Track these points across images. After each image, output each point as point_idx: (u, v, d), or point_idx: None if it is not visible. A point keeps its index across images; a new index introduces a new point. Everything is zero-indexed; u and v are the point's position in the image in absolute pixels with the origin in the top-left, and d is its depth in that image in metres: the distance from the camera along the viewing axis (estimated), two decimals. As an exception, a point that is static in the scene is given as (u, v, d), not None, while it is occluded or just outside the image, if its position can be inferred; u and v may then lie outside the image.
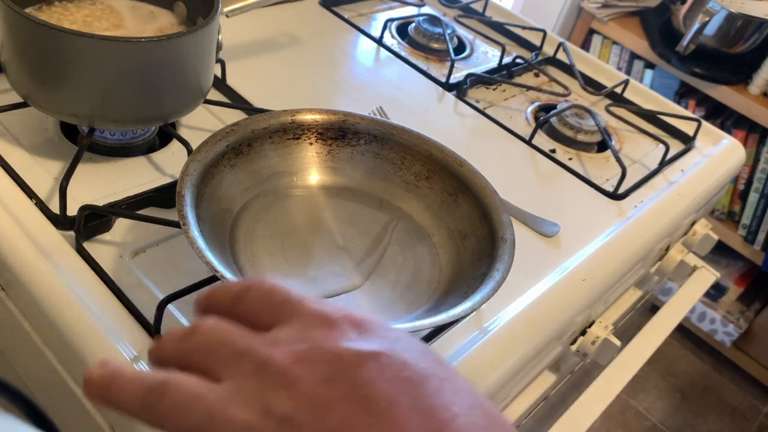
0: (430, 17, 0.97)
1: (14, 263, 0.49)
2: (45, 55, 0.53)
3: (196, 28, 0.55)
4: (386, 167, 0.60)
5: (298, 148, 0.59)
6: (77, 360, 0.46)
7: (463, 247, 0.55)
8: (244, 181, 0.55)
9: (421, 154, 0.59)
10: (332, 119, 0.59)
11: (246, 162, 0.55)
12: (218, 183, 0.53)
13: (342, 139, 0.59)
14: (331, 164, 0.60)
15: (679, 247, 0.86)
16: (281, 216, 0.55)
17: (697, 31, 1.35)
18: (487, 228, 0.54)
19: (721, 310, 1.73)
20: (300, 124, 0.58)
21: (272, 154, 0.57)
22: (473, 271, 0.52)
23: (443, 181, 0.59)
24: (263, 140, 0.56)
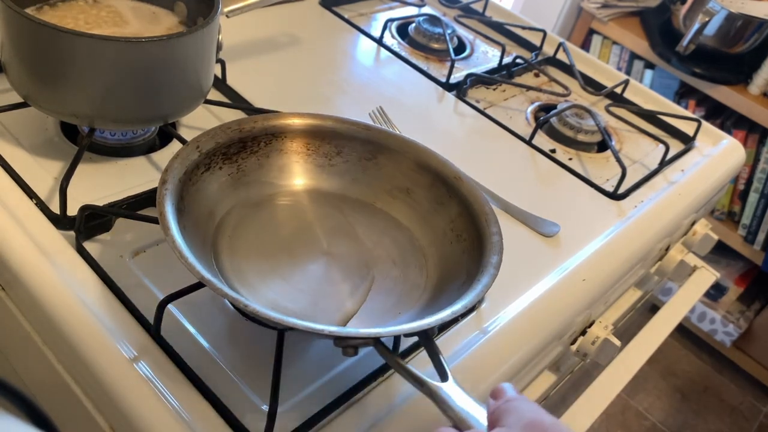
0: (430, 17, 0.97)
1: (14, 263, 0.50)
2: (45, 55, 0.53)
3: (196, 28, 0.55)
4: (372, 173, 0.59)
5: (284, 152, 0.58)
6: (77, 360, 0.46)
7: (451, 249, 0.55)
8: (228, 185, 0.55)
9: (408, 160, 0.59)
10: (319, 123, 0.58)
11: (230, 165, 0.55)
12: (203, 186, 0.52)
13: (328, 143, 0.59)
14: (316, 169, 0.59)
15: (679, 247, 0.86)
16: (265, 222, 0.55)
17: (697, 31, 1.35)
18: (474, 228, 0.54)
19: (721, 310, 1.73)
20: (287, 128, 0.57)
21: (258, 158, 0.56)
22: (462, 271, 0.52)
23: (429, 187, 0.58)
24: (250, 143, 0.56)
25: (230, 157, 0.54)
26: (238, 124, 0.55)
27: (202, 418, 0.44)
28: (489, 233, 0.52)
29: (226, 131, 0.54)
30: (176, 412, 0.43)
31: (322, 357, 0.51)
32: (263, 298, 0.49)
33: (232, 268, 0.50)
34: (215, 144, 0.53)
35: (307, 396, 0.48)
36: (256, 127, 0.56)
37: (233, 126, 0.55)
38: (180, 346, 0.47)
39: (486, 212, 0.54)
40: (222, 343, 0.49)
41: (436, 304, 0.50)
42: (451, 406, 0.39)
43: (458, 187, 0.56)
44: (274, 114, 0.57)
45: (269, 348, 0.48)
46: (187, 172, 0.50)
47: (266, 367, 0.47)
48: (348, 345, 0.42)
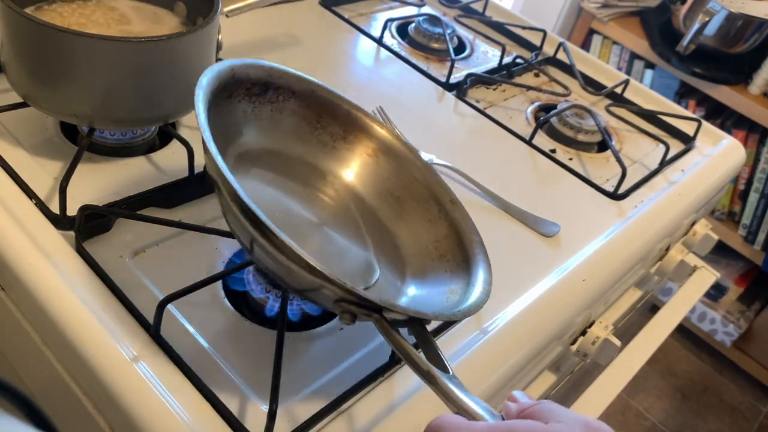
0: (430, 17, 0.97)
1: (14, 263, 0.49)
2: (45, 55, 0.53)
3: (196, 28, 0.55)
4: (369, 170, 0.58)
5: (297, 116, 0.56)
6: (77, 360, 0.46)
7: (432, 265, 0.54)
8: (237, 121, 0.53)
9: (408, 171, 0.58)
10: (339, 102, 0.57)
11: (247, 103, 0.53)
12: (219, 110, 0.50)
13: (339, 125, 0.58)
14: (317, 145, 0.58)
15: (680, 247, 0.86)
16: (269, 173, 0.54)
17: (697, 31, 1.35)
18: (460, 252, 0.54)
19: (721, 310, 1.73)
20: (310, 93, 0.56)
21: (272, 110, 0.55)
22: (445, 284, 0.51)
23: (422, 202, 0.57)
24: (272, 92, 0.54)
25: (250, 96, 0.53)
26: (270, 67, 0.54)
27: (202, 418, 0.44)
28: (476, 261, 0.52)
29: (258, 68, 0.53)
30: (176, 412, 0.43)
31: (322, 357, 0.51)
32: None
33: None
34: (246, 75, 0.52)
35: (307, 396, 0.48)
36: (284, 77, 0.55)
37: (266, 66, 0.54)
38: (180, 346, 0.47)
39: (475, 241, 0.53)
40: (222, 343, 0.49)
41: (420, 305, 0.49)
42: (457, 395, 0.38)
43: (451, 212, 0.56)
44: (301, 76, 0.56)
45: (269, 348, 0.48)
46: (216, 87, 0.48)
47: (266, 367, 0.47)
48: (348, 309, 0.41)
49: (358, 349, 0.52)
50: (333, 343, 0.52)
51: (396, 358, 0.51)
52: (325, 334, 0.52)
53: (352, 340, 0.53)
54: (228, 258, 0.56)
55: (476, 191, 0.71)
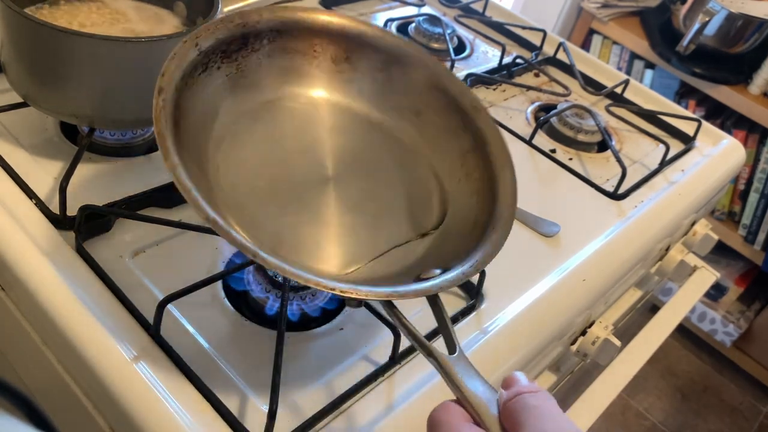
0: (430, 17, 0.97)
1: (14, 263, 0.49)
2: (45, 55, 0.53)
3: (196, 27, 0.55)
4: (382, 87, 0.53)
5: (288, 52, 0.51)
6: (77, 360, 0.46)
7: (458, 188, 0.49)
8: (225, 87, 0.49)
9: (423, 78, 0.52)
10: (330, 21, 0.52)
11: (229, 65, 0.48)
12: (198, 90, 0.46)
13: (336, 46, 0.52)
14: (320, 75, 0.53)
15: (680, 247, 0.86)
16: (263, 135, 0.49)
17: (697, 31, 1.35)
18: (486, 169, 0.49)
19: (721, 310, 1.73)
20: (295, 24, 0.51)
21: (259, 57, 0.50)
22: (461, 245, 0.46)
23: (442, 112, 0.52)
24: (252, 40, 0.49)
25: (230, 55, 0.48)
26: (242, 16, 0.48)
27: (202, 418, 0.44)
28: (504, 180, 0.47)
29: (228, 25, 0.48)
30: (176, 412, 0.43)
31: (322, 357, 0.51)
32: (265, 233, 0.44)
33: (228, 189, 0.45)
34: (215, 40, 0.47)
35: (307, 396, 0.48)
36: (261, 21, 0.49)
37: (236, 19, 0.48)
38: (180, 346, 0.47)
39: (504, 156, 0.48)
40: (222, 343, 0.49)
41: (442, 252, 0.46)
42: (458, 381, 0.36)
43: (475, 119, 0.50)
44: (281, 6, 0.51)
45: (269, 348, 0.48)
46: (184, 75, 0.44)
47: (266, 367, 0.46)
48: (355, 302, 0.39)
49: (358, 349, 0.52)
50: (333, 343, 0.52)
51: (396, 358, 0.51)
52: (325, 334, 0.52)
53: (352, 340, 0.53)
54: (228, 258, 0.56)
55: (476, 191, 0.71)
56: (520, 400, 0.34)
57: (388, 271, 0.46)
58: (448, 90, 0.52)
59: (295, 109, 0.51)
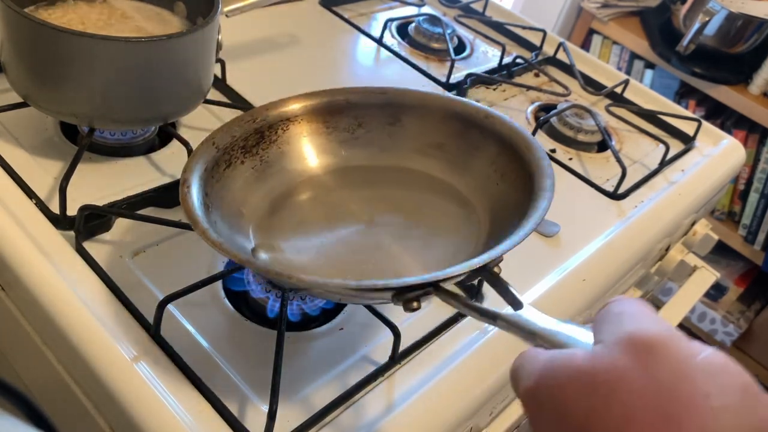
0: (430, 17, 0.97)
1: (14, 263, 0.49)
2: (45, 55, 0.53)
3: (196, 28, 0.55)
4: (399, 135, 0.56)
5: (304, 135, 0.55)
6: (77, 360, 0.46)
7: (498, 190, 0.51)
8: (254, 179, 0.53)
9: (432, 113, 0.56)
10: (331, 99, 0.56)
11: (252, 158, 0.53)
12: (227, 183, 0.50)
13: (346, 117, 0.56)
14: (340, 146, 0.56)
15: (680, 247, 0.86)
16: (300, 209, 0.53)
17: (697, 31, 1.35)
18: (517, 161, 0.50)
19: (721, 311, 1.73)
20: (300, 111, 0.55)
21: (279, 146, 0.54)
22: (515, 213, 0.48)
23: (461, 134, 0.55)
24: (267, 132, 0.54)
25: (249, 150, 0.52)
26: (251, 115, 0.53)
27: (202, 418, 0.44)
28: (535, 158, 0.49)
29: (241, 123, 0.52)
30: (176, 412, 0.43)
31: (322, 357, 0.51)
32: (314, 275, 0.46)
33: (274, 256, 0.48)
34: (231, 138, 0.51)
35: (307, 396, 0.48)
36: (269, 115, 0.54)
37: (246, 117, 0.53)
38: (180, 346, 0.47)
39: (525, 138, 0.50)
40: (222, 343, 0.49)
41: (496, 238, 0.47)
42: (537, 329, 0.35)
43: (491, 126, 0.53)
44: (282, 100, 0.55)
45: (269, 348, 0.48)
46: (207, 169, 0.48)
47: (266, 367, 0.46)
48: (408, 299, 0.39)
49: (358, 349, 0.52)
50: (333, 343, 0.52)
51: (396, 358, 0.51)
52: (325, 334, 0.52)
53: (352, 340, 0.53)
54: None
55: (476, 191, 0.71)
56: (604, 311, 0.31)
57: None
58: (458, 113, 0.55)
59: (326, 181, 0.55)
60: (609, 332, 0.29)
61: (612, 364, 0.27)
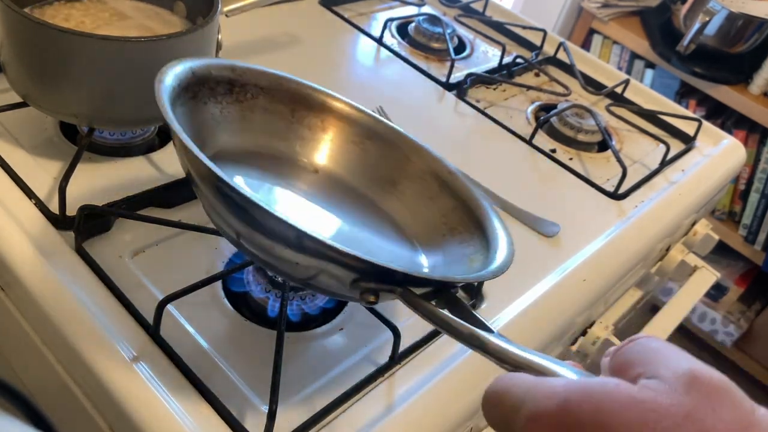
0: (430, 17, 0.97)
1: (13, 263, 0.49)
2: (44, 55, 0.53)
3: (195, 27, 0.55)
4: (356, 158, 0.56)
5: (269, 112, 0.53)
6: (76, 360, 0.46)
7: (444, 240, 0.51)
8: (208, 125, 0.50)
9: (397, 152, 0.55)
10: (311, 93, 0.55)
11: (214, 105, 0.50)
12: (186, 111, 0.47)
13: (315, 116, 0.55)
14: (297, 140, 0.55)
15: (680, 247, 0.86)
16: (252, 177, 0.51)
17: (697, 30, 1.35)
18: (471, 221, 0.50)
19: (721, 311, 1.73)
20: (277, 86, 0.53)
21: (242, 109, 0.52)
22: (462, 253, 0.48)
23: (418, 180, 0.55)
24: (237, 90, 0.52)
25: (216, 96, 0.50)
26: (232, 64, 0.51)
27: (202, 418, 0.44)
28: (491, 225, 0.48)
29: (219, 65, 0.50)
30: (176, 412, 0.43)
31: (322, 357, 0.51)
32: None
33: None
34: (207, 72, 0.49)
35: (307, 396, 0.48)
36: (247, 74, 0.52)
37: (226, 63, 0.51)
38: (179, 347, 0.47)
39: (484, 206, 0.50)
40: (222, 343, 0.49)
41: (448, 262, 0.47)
42: (513, 351, 0.33)
43: (452, 183, 0.53)
44: (267, 71, 0.53)
45: (269, 348, 0.48)
46: (178, 86, 0.46)
47: (266, 367, 0.46)
48: (370, 289, 0.37)
49: (358, 349, 0.52)
50: (333, 343, 0.52)
51: (396, 358, 0.51)
52: (325, 334, 0.52)
53: (352, 340, 0.52)
54: (228, 258, 0.56)
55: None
56: (637, 344, 0.30)
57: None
58: (423, 161, 0.55)
59: (273, 169, 0.53)
60: (663, 367, 0.28)
61: (677, 399, 0.26)
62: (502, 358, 0.33)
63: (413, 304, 0.37)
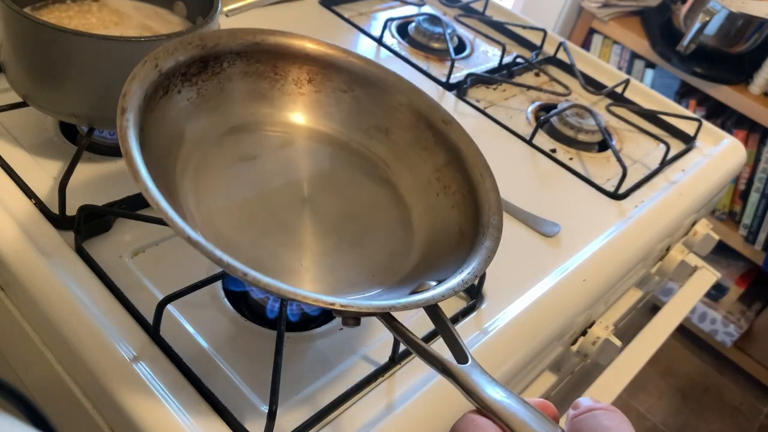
0: (431, 17, 0.97)
1: (13, 263, 0.49)
2: (44, 54, 0.53)
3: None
4: (347, 107, 0.52)
5: (249, 75, 0.50)
6: (76, 360, 0.46)
7: (437, 202, 0.48)
8: (187, 112, 0.47)
9: (389, 96, 0.52)
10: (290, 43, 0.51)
11: (190, 88, 0.47)
12: (161, 114, 0.44)
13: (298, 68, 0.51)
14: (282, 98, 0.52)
15: (680, 247, 0.86)
16: (232, 160, 0.48)
17: (697, 30, 1.35)
18: (465, 181, 0.48)
19: (721, 311, 1.73)
20: (254, 47, 0.49)
21: (219, 81, 0.49)
22: (450, 256, 0.45)
23: (412, 128, 0.51)
24: (212, 63, 0.48)
25: (189, 78, 0.47)
26: (201, 38, 0.47)
27: (202, 418, 0.44)
28: (484, 189, 0.46)
29: (187, 47, 0.46)
30: (176, 412, 0.43)
31: (322, 357, 0.51)
32: (244, 258, 0.41)
33: (202, 217, 0.44)
34: (175, 62, 0.45)
35: (307, 396, 0.48)
36: (220, 44, 0.48)
37: (195, 41, 0.47)
38: (179, 347, 0.47)
39: (480, 165, 0.48)
40: (222, 343, 0.49)
41: (431, 266, 0.45)
42: (479, 392, 0.33)
43: (447, 133, 0.50)
44: (241, 29, 0.50)
45: (269, 348, 0.48)
46: (146, 96, 0.42)
47: (266, 367, 0.46)
48: (351, 316, 0.37)
49: (358, 349, 0.52)
50: (333, 343, 0.52)
51: (396, 358, 0.51)
52: (325, 334, 0.52)
53: (352, 340, 0.52)
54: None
55: (476, 191, 0.71)
56: (591, 418, 0.30)
57: (380, 292, 0.45)
58: (416, 107, 0.51)
59: (262, 133, 0.51)
60: None
61: None
62: (470, 395, 0.33)
63: (392, 326, 0.37)
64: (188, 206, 0.43)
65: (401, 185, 0.51)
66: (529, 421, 0.31)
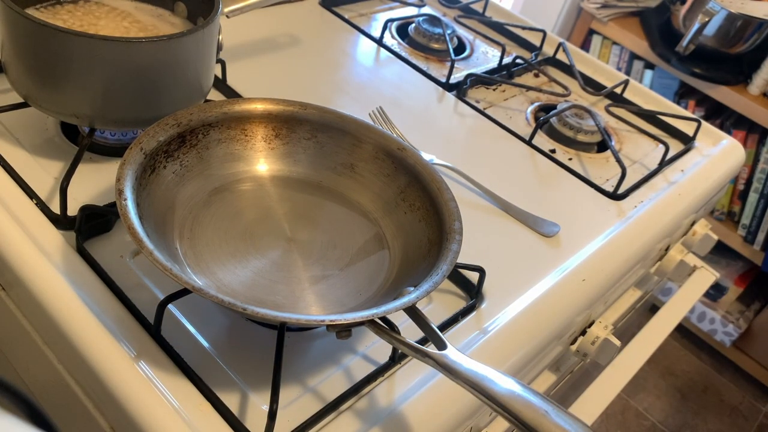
0: (430, 17, 0.97)
1: (15, 263, 0.50)
2: (45, 55, 0.53)
3: (196, 28, 0.56)
4: (314, 152, 0.59)
5: (223, 141, 0.57)
6: (77, 360, 0.46)
7: (406, 219, 0.55)
8: (174, 184, 0.53)
9: (347, 135, 0.59)
10: (252, 108, 0.58)
11: (173, 163, 0.53)
12: (152, 190, 0.50)
13: (264, 127, 0.58)
14: (256, 155, 0.58)
15: (679, 247, 0.86)
16: (220, 216, 0.54)
17: (697, 31, 1.35)
18: (426, 197, 0.55)
19: (720, 310, 1.74)
20: (222, 117, 0.56)
21: (198, 151, 0.55)
22: (423, 263, 0.52)
23: (372, 160, 0.58)
24: (188, 137, 0.54)
25: (171, 154, 0.53)
26: (175, 117, 0.53)
27: (203, 417, 0.44)
28: (444, 200, 0.53)
29: (165, 127, 0.52)
30: (176, 411, 0.43)
31: (322, 357, 0.51)
32: (242, 295, 0.48)
33: (202, 271, 0.49)
34: (157, 143, 0.51)
35: (307, 396, 0.48)
36: (193, 119, 0.54)
37: (170, 121, 0.53)
38: (180, 346, 0.47)
39: (437, 180, 0.54)
40: (222, 343, 0.49)
41: (408, 275, 0.50)
42: (461, 371, 0.40)
43: (404, 158, 0.57)
44: (209, 103, 0.56)
45: (269, 348, 0.48)
46: (137, 178, 0.48)
47: (266, 367, 0.47)
48: (342, 329, 0.43)
49: (358, 349, 0.52)
50: (333, 343, 0.52)
51: (396, 358, 0.51)
52: (325, 334, 0.52)
53: (352, 340, 0.53)
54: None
55: (476, 191, 0.71)
56: None
57: (367, 305, 0.51)
58: (373, 141, 0.58)
59: (242, 189, 0.57)
60: None
61: None
62: (450, 372, 0.41)
63: (378, 331, 0.44)
64: (188, 262, 0.49)
65: (372, 210, 0.58)
66: (495, 379, 0.40)
